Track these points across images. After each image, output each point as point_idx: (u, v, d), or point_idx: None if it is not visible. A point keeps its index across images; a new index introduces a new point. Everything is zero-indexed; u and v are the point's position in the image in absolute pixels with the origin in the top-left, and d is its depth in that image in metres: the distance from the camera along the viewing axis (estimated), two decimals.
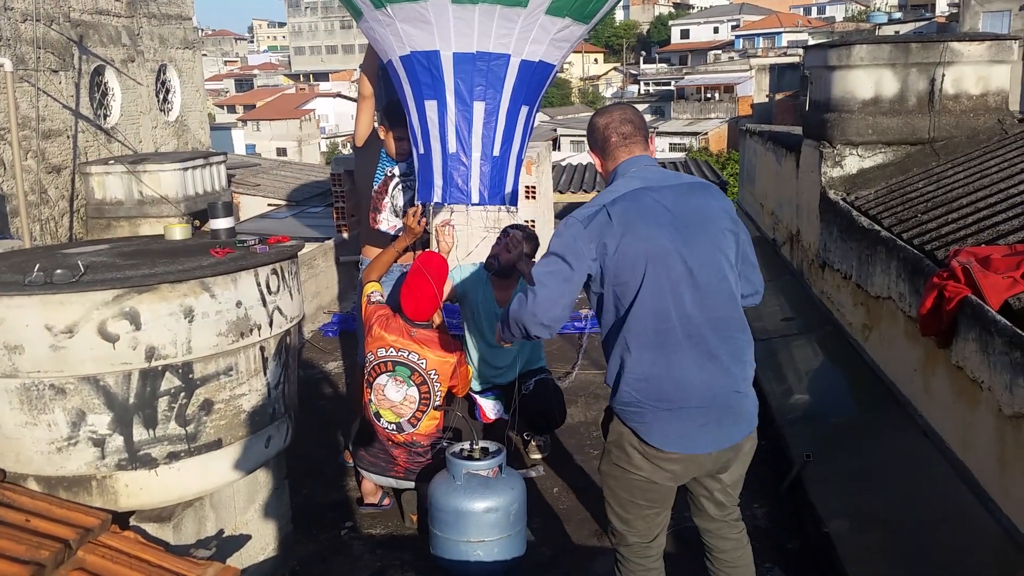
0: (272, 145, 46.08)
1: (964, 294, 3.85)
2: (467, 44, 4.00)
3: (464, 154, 4.18)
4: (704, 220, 2.85)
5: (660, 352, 2.76)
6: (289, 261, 3.55)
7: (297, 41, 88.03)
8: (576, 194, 13.41)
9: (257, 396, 3.38)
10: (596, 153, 3.05)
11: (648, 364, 2.76)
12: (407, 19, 3.98)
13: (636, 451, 2.85)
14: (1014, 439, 3.47)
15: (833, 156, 6.63)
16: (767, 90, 41.10)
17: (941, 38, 6.75)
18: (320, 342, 7.29)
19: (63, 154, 8.99)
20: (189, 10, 11.54)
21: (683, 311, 2.75)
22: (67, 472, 3.09)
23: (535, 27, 4.00)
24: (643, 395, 2.78)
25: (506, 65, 4.09)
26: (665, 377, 2.76)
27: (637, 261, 2.74)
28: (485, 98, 4.12)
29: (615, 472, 2.96)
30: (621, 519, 3.01)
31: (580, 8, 4.07)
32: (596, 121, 3.02)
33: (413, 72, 4.14)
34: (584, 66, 74.52)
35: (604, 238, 2.75)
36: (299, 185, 13.15)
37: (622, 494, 2.97)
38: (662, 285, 2.74)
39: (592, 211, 2.82)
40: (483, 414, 4.77)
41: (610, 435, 2.95)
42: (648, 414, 2.79)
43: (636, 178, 2.88)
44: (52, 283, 2.93)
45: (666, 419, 2.78)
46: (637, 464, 2.87)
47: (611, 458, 2.96)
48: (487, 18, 3.90)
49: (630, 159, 2.95)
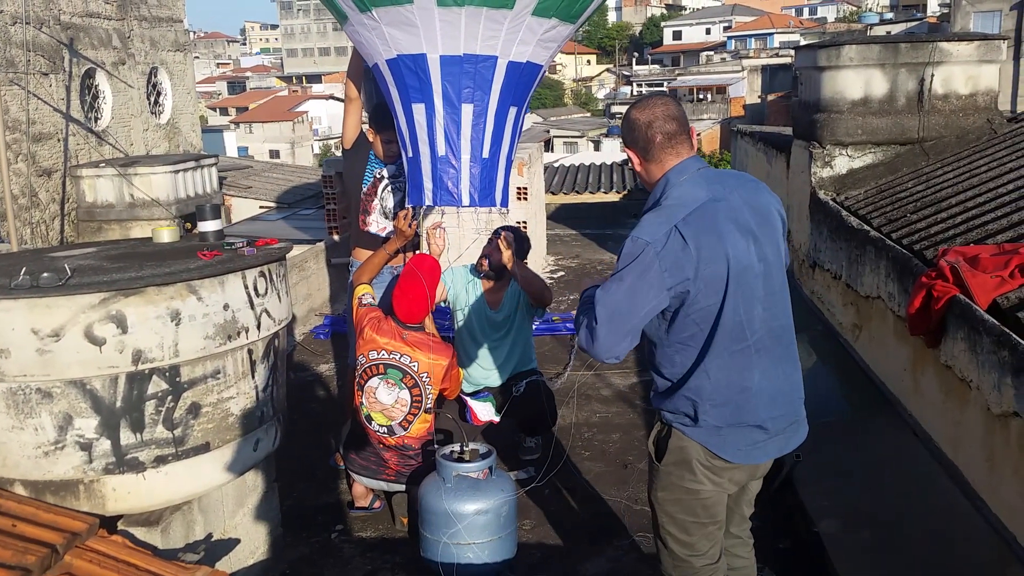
0: (265, 147, 46.01)
1: (952, 293, 3.86)
2: (454, 46, 3.99)
3: (453, 156, 4.17)
4: (767, 224, 2.74)
5: (736, 366, 2.66)
6: (277, 263, 3.55)
7: (290, 43, 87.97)
8: (568, 195, 13.41)
9: (245, 399, 3.37)
10: (635, 152, 2.79)
11: (725, 379, 2.66)
12: (393, 22, 3.97)
13: (701, 466, 2.73)
14: (1002, 438, 3.48)
15: (823, 156, 6.64)
16: (759, 91, 41.11)
17: (930, 38, 6.77)
18: (311, 345, 7.28)
19: (54, 157, 8.96)
20: (180, 12, 11.52)
21: (757, 324, 2.67)
22: (54, 476, 3.08)
23: (522, 28, 4.00)
24: (719, 409, 2.67)
25: (493, 67, 4.08)
26: (742, 390, 2.68)
27: (718, 284, 2.59)
28: (473, 100, 4.11)
29: (676, 494, 2.80)
30: (684, 544, 2.85)
31: (566, 8, 4.06)
32: (636, 117, 2.75)
33: (400, 75, 4.13)
34: (577, 67, 74.56)
35: (682, 267, 2.55)
36: (291, 187, 13.14)
37: (683, 516, 2.82)
38: (739, 301, 2.62)
39: (662, 231, 2.57)
40: (474, 416, 4.76)
41: (669, 455, 2.78)
42: (724, 428, 2.69)
43: (697, 187, 2.67)
44: (39, 286, 2.92)
45: (742, 432, 2.70)
46: (700, 479, 2.75)
47: (670, 479, 2.80)
48: (473, 20, 3.90)
49: (681, 165, 2.71)
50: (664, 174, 2.72)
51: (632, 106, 2.81)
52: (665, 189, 2.70)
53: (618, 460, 4.91)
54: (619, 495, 4.53)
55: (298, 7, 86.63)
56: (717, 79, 51.08)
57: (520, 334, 4.97)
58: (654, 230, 2.58)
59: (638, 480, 4.66)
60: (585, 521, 4.34)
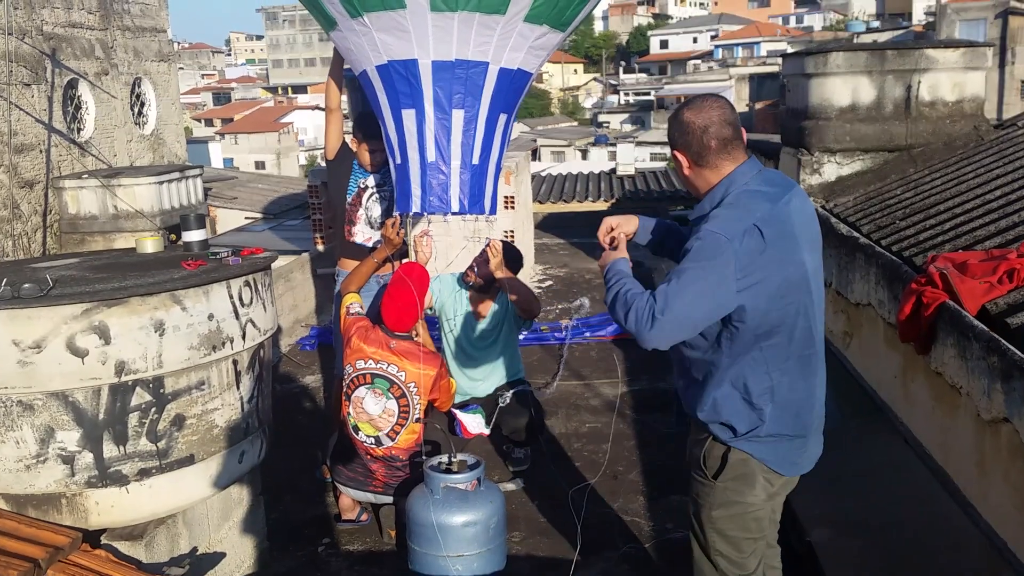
0: (250, 158, 45.90)
1: (942, 300, 3.86)
2: (446, 52, 3.97)
3: (443, 163, 4.14)
4: (815, 230, 2.67)
5: (803, 373, 2.61)
6: (262, 273, 3.51)
7: (275, 54, 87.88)
8: (556, 204, 13.40)
9: (230, 410, 3.33)
10: (687, 156, 2.65)
11: (791, 386, 2.59)
12: (384, 28, 3.95)
13: (762, 478, 2.68)
14: (992, 444, 3.46)
15: (811, 163, 6.65)
16: (747, 99, 41.37)
17: (917, 45, 6.80)
18: (297, 356, 7.22)
19: (36, 168, 8.89)
20: (164, 23, 11.46)
21: (820, 330, 2.62)
22: (36, 490, 3.04)
23: (513, 34, 3.99)
24: (783, 419, 2.61)
25: (485, 73, 4.07)
26: (804, 402, 2.64)
27: (794, 288, 2.52)
28: (464, 106, 4.10)
29: (733, 510, 2.72)
30: (735, 563, 2.77)
31: (557, 15, 4.06)
32: (691, 120, 2.61)
33: (390, 81, 4.11)
34: (564, 77, 74.74)
35: (759, 268, 2.45)
36: (276, 198, 13.08)
37: (736, 533, 2.74)
38: (810, 306, 2.57)
39: (740, 228, 2.45)
40: (464, 430, 4.71)
41: (728, 471, 2.68)
42: (785, 442, 2.64)
43: (766, 188, 2.58)
44: (19, 297, 2.87)
45: (799, 444, 2.67)
46: (759, 492, 2.69)
47: (727, 496, 2.71)
48: (466, 26, 3.88)
49: (740, 169, 2.61)
50: (723, 179, 2.61)
51: (684, 108, 2.67)
52: (728, 191, 2.58)
53: (608, 471, 4.87)
54: (610, 506, 4.50)
55: (284, 18, 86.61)
56: (704, 88, 51.22)
57: (507, 345, 4.95)
58: (731, 227, 2.46)
59: (628, 491, 4.63)
60: (575, 532, 4.30)
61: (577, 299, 8.50)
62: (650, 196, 13.34)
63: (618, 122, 57.12)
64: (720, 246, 2.43)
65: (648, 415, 5.56)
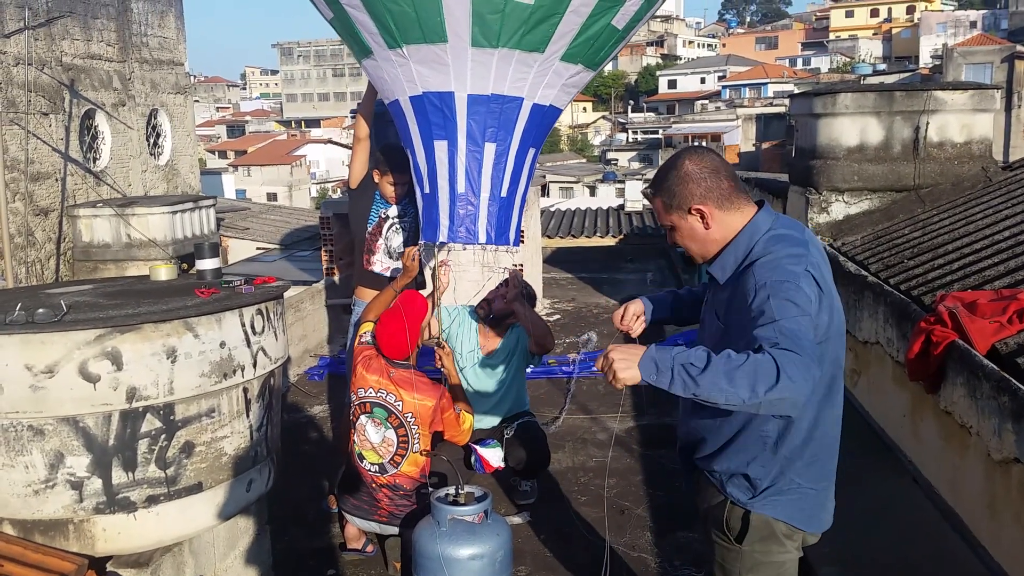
0: (263, 190, 46.20)
1: (951, 339, 3.85)
2: (483, 86, 4.02)
3: (473, 194, 4.18)
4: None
5: (831, 419, 2.51)
6: (274, 301, 3.53)
7: (289, 88, 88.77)
8: (564, 239, 13.46)
9: (239, 438, 3.34)
10: (710, 206, 2.45)
11: (822, 435, 2.48)
12: (423, 60, 4.00)
13: (784, 536, 2.56)
14: (1003, 484, 3.44)
15: (819, 202, 6.68)
16: (754, 139, 41.41)
17: (925, 87, 6.85)
18: (306, 386, 7.23)
19: (51, 197, 8.98)
20: (182, 56, 11.62)
21: (841, 382, 2.54)
22: (44, 516, 3.03)
23: (549, 72, 4.05)
24: (810, 469, 2.50)
25: (519, 108, 4.12)
26: (830, 443, 2.54)
27: (840, 332, 2.42)
28: (496, 139, 4.14)
29: (765, 572, 2.59)
30: None
31: (592, 55, 4.13)
32: (699, 169, 2.46)
33: (423, 112, 4.15)
34: (573, 114, 75.21)
35: (821, 312, 2.32)
36: (289, 230, 13.18)
37: None
38: (837, 359, 2.46)
39: (799, 271, 2.29)
40: (486, 464, 4.60)
41: (752, 533, 2.55)
42: (807, 493, 2.52)
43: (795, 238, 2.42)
44: (33, 322, 2.90)
45: (818, 496, 2.57)
46: (788, 548, 2.57)
47: (755, 558, 2.57)
48: (505, 62, 3.93)
49: (760, 215, 2.48)
50: (745, 225, 2.47)
51: (681, 161, 2.50)
52: (754, 238, 2.43)
53: (615, 506, 4.85)
54: (616, 541, 4.47)
55: (298, 53, 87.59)
56: (712, 127, 51.54)
57: (515, 379, 4.95)
58: (792, 271, 2.29)
59: (635, 526, 4.61)
60: (582, 567, 4.27)
61: (584, 333, 8.51)
62: (657, 232, 13.39)
63: (626, 159, 57.39)
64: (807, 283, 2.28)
65: (655, 450, 5.55)
